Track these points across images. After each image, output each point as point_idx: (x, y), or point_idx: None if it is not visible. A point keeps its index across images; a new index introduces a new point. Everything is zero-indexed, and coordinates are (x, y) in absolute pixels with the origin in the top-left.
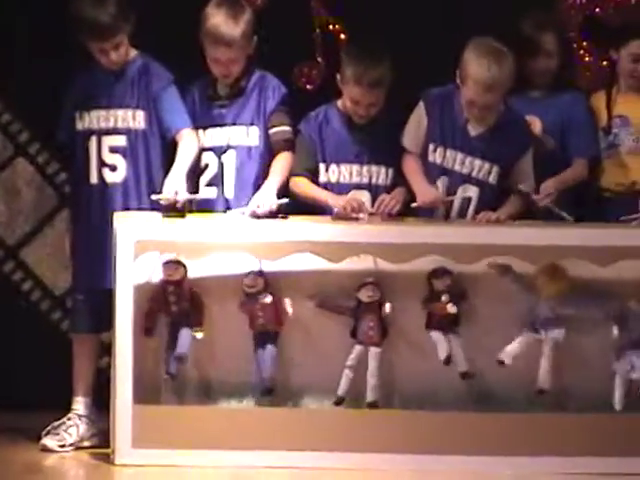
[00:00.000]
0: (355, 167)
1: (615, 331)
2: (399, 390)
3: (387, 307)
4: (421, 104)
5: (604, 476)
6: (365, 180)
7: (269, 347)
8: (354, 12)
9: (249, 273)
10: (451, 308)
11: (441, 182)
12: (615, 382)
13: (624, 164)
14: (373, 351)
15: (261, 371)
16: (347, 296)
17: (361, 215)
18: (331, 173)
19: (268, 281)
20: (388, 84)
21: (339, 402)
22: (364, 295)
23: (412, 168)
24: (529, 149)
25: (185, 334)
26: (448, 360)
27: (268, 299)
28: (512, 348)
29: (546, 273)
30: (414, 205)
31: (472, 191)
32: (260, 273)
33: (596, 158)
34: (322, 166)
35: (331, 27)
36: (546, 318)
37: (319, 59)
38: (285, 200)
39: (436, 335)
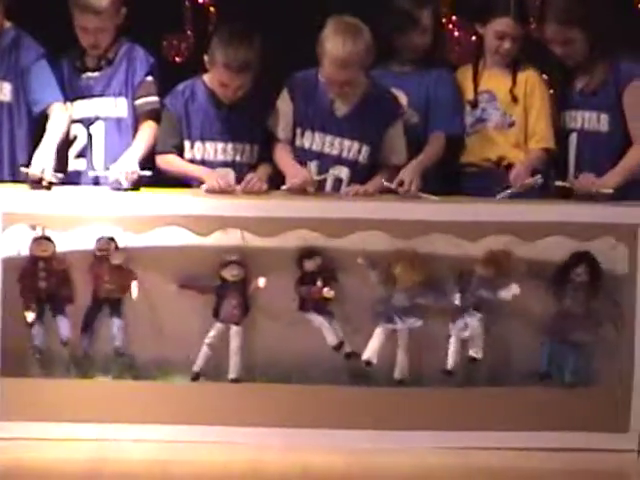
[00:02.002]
0: (220, 145)
1: (457, 295)
2: (264, 366)
3: (261, 282)
4: (285, 91)
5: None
6: (230, 158)
7: (115, 318)
8: None
9: (101, 238)
10: (327, 293)
11: (312, 166)
12: (449, 343)
13: (491, 139)
14: (235, 329)
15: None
16: (211, 275)
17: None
18: (196, 150)
19: (120, 248)
20: (257, 67)
21: (195, 378)
22: (228, 274)
23: (282, 155)
24: (398, 120)
25: (62, 320)
26: (340, 346)
27: (117, 260)
28: (373, 345)
29: (403, 262)
30: (284, 188)
31: (343, 172)
32: (112, 239)
33: (456, 135)
34: (187, 143)
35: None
36: (402, 307)
37: (188, 31)
38: (148, 173)
39: (319, 320)
